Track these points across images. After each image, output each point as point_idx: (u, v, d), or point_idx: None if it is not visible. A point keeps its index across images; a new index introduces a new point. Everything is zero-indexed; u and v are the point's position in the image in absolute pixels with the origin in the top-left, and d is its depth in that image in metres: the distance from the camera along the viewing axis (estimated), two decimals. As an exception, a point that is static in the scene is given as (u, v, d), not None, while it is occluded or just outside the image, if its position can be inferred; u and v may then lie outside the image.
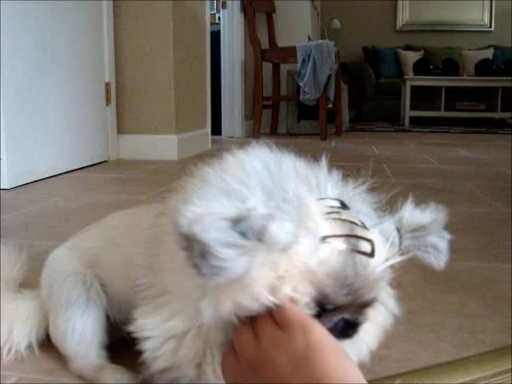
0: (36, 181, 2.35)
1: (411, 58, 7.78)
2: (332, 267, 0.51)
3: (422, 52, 7.95)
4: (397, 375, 0.71)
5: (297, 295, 0.51)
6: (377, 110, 7.69)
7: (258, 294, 0.50)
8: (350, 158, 3.31)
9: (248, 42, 4.90)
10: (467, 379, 0.72)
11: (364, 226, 0.55)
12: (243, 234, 0.47)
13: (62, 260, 0.79)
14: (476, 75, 7.10)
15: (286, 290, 0.51)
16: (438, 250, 0.60)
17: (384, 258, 0.56)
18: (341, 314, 0.54)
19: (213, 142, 4.00)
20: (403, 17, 8.60)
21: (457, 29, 8.43)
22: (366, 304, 0.55)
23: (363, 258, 0.53)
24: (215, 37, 4.69)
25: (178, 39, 3.18)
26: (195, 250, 0.46)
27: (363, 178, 0.64)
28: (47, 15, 2.46)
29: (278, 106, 5.21)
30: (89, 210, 1.78)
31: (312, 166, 0.60)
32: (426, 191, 2.17)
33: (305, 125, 5.27)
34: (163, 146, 3.13)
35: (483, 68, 7.04)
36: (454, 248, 1.30)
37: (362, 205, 0.60)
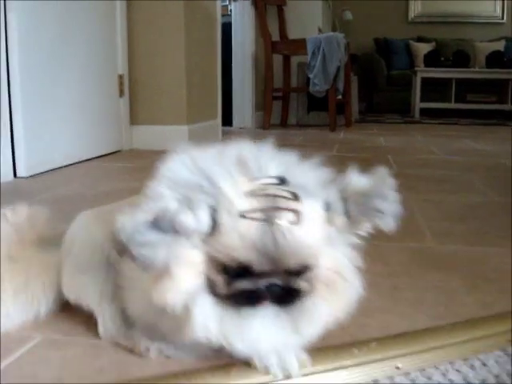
0: (53, 169, 2.45)
1: (423, 49, 7.82)
2: (251, 239, 0.58)
3: (434, 44, 7.98)
4: (374, 339, 0.80)
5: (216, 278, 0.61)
6: (388, 101, 7.73)
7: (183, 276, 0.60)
8: (357, 149, 3.39)
9: (259, 33, 4.98)
10: (438, 344, 0.81)
11: (294, 198, 0.61)
12: (162, 231, 0.57)
13: (86, 225, 0.85)
14: (487, 67, 7.13)
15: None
16: (383, 212, 0.64)
17: (315, 227, 0.62)
18: (268, 278, 0.61)
19: (223, 132, 4.09)
20: (415, 8, 8.62)
21: (469, 20, 8.44)
22: (295, 271, 0.62)
23: (285, 228, 0.59)
24: (226, 29, 4.76)
25: (189, 32, 3.27)
26: (127, 252, 0.57)
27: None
28: (65, 10, 2.55)
29: (288, 98, 5.29)
30: (104, 197, 1.88)
31: (260, 149, 0.67)
32: (426, 181, 2.25)
33: (314, 116, 5.34)
34: (174, 137, 3.22)
35: (494, 60, 7.06)
36: (444, 233, 1.39)
37: (306, 179, 0.65)
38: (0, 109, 2.17)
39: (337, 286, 0.67)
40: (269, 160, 0.65)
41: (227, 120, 4.76)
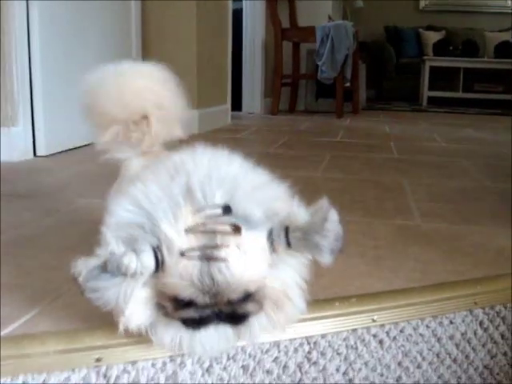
0: (69, 149, 2.59)
1: (432, 38, 7.87)
2: (190, 277, 0.64)
3: (444, 32, 8.03)
4: (354, 296, 0.93)
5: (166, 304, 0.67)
6: (396, 89, 7.81)
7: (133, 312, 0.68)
8: (361, 136, 3.50)
9: (269, 20, 5.08)
10: (410, 302, 0.94)
11: (235, 231, 0.64)
12: (111, 274, 0.63)
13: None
14: (495, 57, 7.19)
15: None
16: (320, 249, 0.65)
17: (251, 257, 0.65)
18: (213, 308, 0.67)
19: (233, 117, 4.21)
20: (426, -4, 8.66)
21: (479, 10, 8.47)
22: (238, 300, 0.66)
23: (222, 264, 0.63)
24: (237, 15, 4.86)
25: (200, 17, 3.38)
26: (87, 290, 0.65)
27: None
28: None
29: (297, 84, 5.39)
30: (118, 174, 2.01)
31: (211, 172, 0.70)
32: (423, 166, 2.37)
33: (322, 103, 5.45)
34: (185, 120, 3.34)
35: (503, 50, 7.13)
36: (431, 213, 1.51)
37: (251, 207, 0.67)
38: (15, 89, 2.30)
39: (281, 304, 0.71)
40: (216, 187, 0.67)
41: (237, 105, 4.87)
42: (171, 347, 0.72)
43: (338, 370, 0.90)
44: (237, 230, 0.64)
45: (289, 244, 0.66)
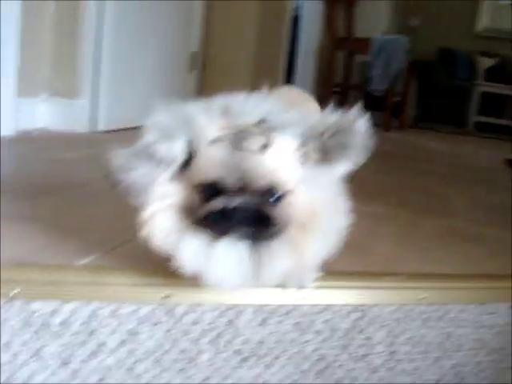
0: (125, 128, 2.67)
1: (486, 63, 7.81)
2: (220, 159, 0.67)
3: (498, 59, 7.96)
4: (406, 273, 0.97)
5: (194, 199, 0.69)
6: (444, 110, 7.76)
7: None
8: (408, 148, 3.53)
9: (325, 28, 5.12)
10: (458, 285, 0.99)
11: (266, 131, 0.68)
12: (144, 159, 0.68)
13: None
14: (548, 88, 7.11)
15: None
16: (350, 147, 0.70)
17: (282, 154, 0.68)
18: (241, 196, 0.67)
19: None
20: (483, 22, 8.60)
21: (536, 40, 8.38)
22: (264, 192, 0.68)
23: (253, 151, 0.66)
24: (295, 21, 4.92)
25: (261, 19, 3.46)
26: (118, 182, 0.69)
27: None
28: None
29: (347, 94, 5.43)
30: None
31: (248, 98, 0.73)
32: (468, 181, 2.40)
33: (370, 115, 5.46)
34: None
35: (556, 82, 7.04)
36: (476, 219, 1.52)
37: (284, 120, 0.70)
38: (84, 64, 2.40)
39: (308, 226, 0.71)
40: (252, 106, 0.70)
41: (285, 108, 4.91)
42: (190, 266, 0.71)
43: (382, 342, 0.94)
44: (267, 130, 0.67)
45: (322, 151, 0.69)
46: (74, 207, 1.18)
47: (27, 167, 1.65)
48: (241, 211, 0.68)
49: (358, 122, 0.70)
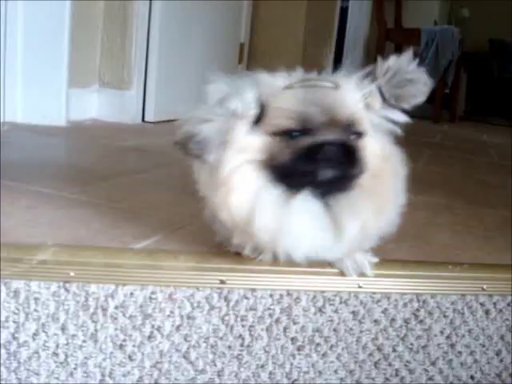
0: (173, 120, 2.68)
1: (539, 54, 7.59)
2: (301, 98, 0.68)
3: (552, 50, 7.73)
4: (467, 263, 0.94)
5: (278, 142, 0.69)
6: (495, 103, 7.58)
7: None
8: (460, 141, 3.45)
9: (374, 19, 5.05)
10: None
11: (335, 84, 0.71)
12: (222, 112, 0.68)
13: None
14: None
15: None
16: (413, 82, 0.73)
17: (352, 95, 0.71)
18: (322, 133, 0.68)
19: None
20: (537, 12, 8.35)
21: None
22: (345, 125, 0.69)
23: (323, 89, 0.70)
24: (342, 13, 4.87)
25: (310, 11, 3.42)
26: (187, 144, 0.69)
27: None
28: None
29: (396, 86, 5.34)
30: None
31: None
32: (507, 169, 2.32)
33: (420, 106, 5.35)
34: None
35: None
36: None
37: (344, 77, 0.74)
38: (133, 57, 2.42)
39: (380, 174, 0.72)
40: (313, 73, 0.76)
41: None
42: (266, 232, 0.69)
43: (442, 333, 0.91)
44: (335, 84, 0.70)
45: (383, 97, 0.71)
46: (129, 193, 1.18)
47: (81, 156, 1.67)
48: (329, 146, 0.68)
49: (413, 62, 0.73)
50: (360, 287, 0.85)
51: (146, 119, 2.52)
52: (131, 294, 0.79)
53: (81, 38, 2.30)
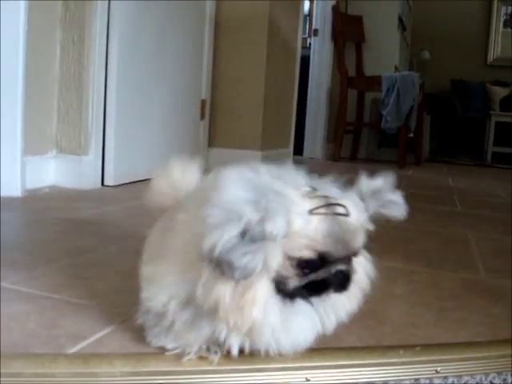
0: (135, 181, 2.66)
1: (499, 93, 7.77)
2: (324, 230, 0.69)
3: (511, 88, 7.91)
4: (419, 345, 0.91)
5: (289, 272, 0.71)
6: (460, 142, 7.70)
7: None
8: (424, 187, 3.47)
9: (335, 68, 5.13)
10: (476, 356, 0.92)
11: (335, 198, 0.72)
12: (251, 241, 0.65)
13: None
14: None
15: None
16: (395, 203, 0.78)
17: (358, 215, 0.73)
18: (337, 265, 0.72)
19: (294, 161, 4.24)
20: (494, 51, 8.59)
21: (550, 67, 8.33)
22: (355, 254, 0.74)
23: (342, 219, 0.70)
24: (304, 61, 4.94)
25: (270, 63, 3.46)
26: (224, 266, 0.65)
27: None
28: (158, 35, 2.78)
29: (360, 132, 5.41)
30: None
31: (282, 168, 0.77)
32: (487, 221, 2.33)
33: (385, 152, 5.43)
34: (248, 161, 3.38)
35: None
36: (495, 268, 1.46)
37: (328, 187, 0.75)
38: (89, 121, 2.40)
39: (362, 287, 0.79)
40: (296, 175, 0.76)
41: (298, 149, 4.90)
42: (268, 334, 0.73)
43: (397, 420, 0.88)
44: (334, 197, 0.73)
45: (367, 209, 0.76)
46: (74, 279, 1.14)
47: (30, 234, 1.63)
48: (335, 278, 0.73)
49: (392, 185, 0.79)
50: (308, 380, 0.82)
51: (106, 183, 2.48)
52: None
53: (36, 105, 2.28)
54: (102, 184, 2.48)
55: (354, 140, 5.38)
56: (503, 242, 1.91)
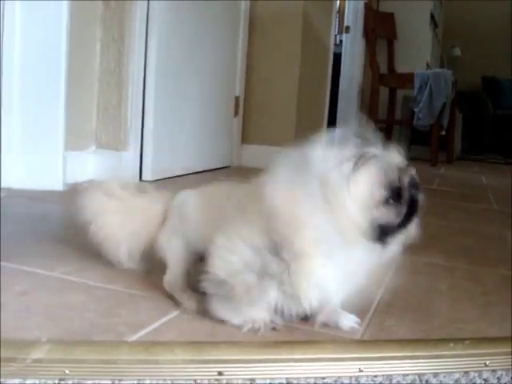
0: (172, 177, 2.69)
1: (532, 90, 7.68)
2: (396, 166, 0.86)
3: (544, 85, 7.81)
4: (469, 338, 0.92)
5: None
6: (492, 141, 7.62)
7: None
8: (457, 185, 3.45)
9: (367, 65, 5.12)
10: (525, 351, 0.93)
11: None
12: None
13: (186, 199, 1.07)
14: None
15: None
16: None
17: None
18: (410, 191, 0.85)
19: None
20: (526, 48, 8.46)
21: None
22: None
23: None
24: (335, 59, 4.94)
25: (303, 61, 3.46)
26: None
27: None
28: (194, 34, 2.82)
29: (391, 130, 5.38)
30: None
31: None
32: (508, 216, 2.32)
33: (416, 150, 5.39)
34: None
35: None
36: None
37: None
38: (129, 117, 2.44)
39: None
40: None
41: (330, 146, 4.88)
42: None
43: (447, 412, 0.89)
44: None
45: None
46: (124, 271, 1.17)
47: (75, 226, 1.67)
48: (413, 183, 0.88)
49: None
50: (361, 371, 0.83)
51: (144, 178, 2.52)
52: (127, 389, 0.77)
53: (77, 101, 2.33)
54: (140, 179, 2.52)
55: (385, 137, 5.34)
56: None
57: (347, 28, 5.19)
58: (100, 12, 2.40)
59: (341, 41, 5.49)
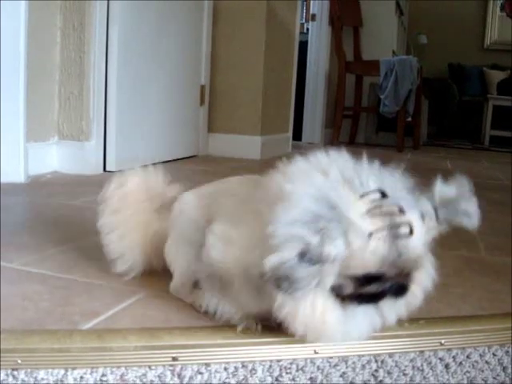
0: (136, 167, 2.67)
1: (496, 77, 7.78)
2: (381, 254, 0.69)
3: (508, 72, 7.92)
4: (423, 318, 0.94)
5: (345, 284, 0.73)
6: (458, 126, 7.73)
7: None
8: (422, 170, 3.49)
9: (333, 53, 5.14)
10: (479, 328, 0.95)
11: (402, 211, 0.70)
12: (310, 262, 0.66)
13: (187, 202, 1.02)
14: (562, 98, 7.05)
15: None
16: (468, 215, 0.77)
17: (421, 234, 0.72)
18: (392, 281, 0.73)
19: (293, 146, 4.26)
20: (491, 35, 8.58)
21: (547, 50, 8.33)
22: (411, 272, 0.74)
23: (403, 242, 0.69)
24: (302, 47, 4.94)
25: (269, 48, 3.46)
26: (283, 284, 0.67)
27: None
28: (157, 22, 2.79)
29: (358, 117, 5.42)
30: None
31: (356, 163, 0.76)
32: (486, 202, 2.33)
33: (383, 136, 5.45)
34: (247, 146, 3.41)
35: None
36: (495, 247, 1.48)
37: (399, 191, 0.73)
38: (91, 107, 2.41)
39: (424, 287, 0.81)
40: (367, 175, 0.73)
41: (297, 134, 4.91)
42: (334, 332, 0.75)
43: (403, 391, 0.91)
44: (402, 210, 0.70)
45: (437, 218, 0.75)
46: (83, 260, 1.16)
47: (37, 217, 1.65)
48: (391, 290, 0.74)
49: (469, 192, 0.78)
50: (316, 353, 0.84)
51: (108, 169, 2.50)
52: (81, 377, 0.77)
53: (37, 92, 2.29)
54: (104, 170, 2.49)
55: (352, 124, 5.39)
56: (502, 222, 1.93)
57: (313, 16, 5.19)
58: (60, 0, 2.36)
59: (307, 29, 5.49)
